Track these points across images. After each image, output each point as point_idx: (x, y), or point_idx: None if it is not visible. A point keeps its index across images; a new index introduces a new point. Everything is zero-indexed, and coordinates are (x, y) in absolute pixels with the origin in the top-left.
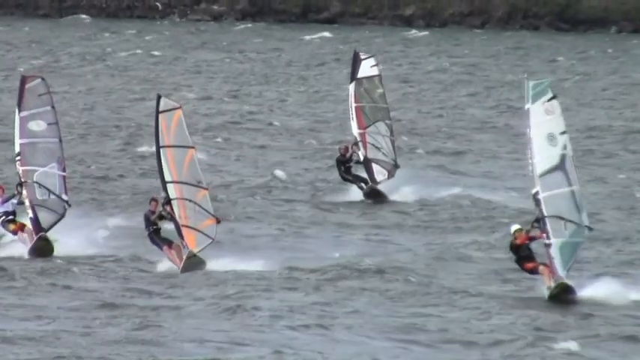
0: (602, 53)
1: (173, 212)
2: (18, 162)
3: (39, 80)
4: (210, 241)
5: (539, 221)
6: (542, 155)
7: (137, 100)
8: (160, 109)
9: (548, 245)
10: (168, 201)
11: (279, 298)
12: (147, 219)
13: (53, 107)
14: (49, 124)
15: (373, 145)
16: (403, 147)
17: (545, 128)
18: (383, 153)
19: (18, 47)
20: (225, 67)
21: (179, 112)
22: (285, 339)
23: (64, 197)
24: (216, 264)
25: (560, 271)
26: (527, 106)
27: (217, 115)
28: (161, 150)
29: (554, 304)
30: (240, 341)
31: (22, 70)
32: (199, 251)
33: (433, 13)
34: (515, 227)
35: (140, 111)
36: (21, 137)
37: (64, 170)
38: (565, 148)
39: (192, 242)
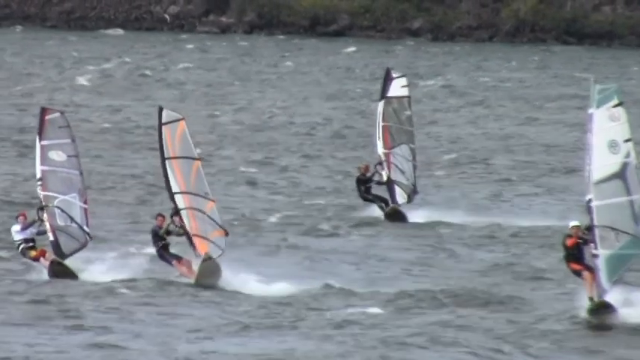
0: None
1: (183, 223)
2: (39, 187)
3: (58, 114)
4: (221, 252)
5: (590, 229)
6: (601, 162)
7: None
8: (163, 120)
9: (595, 256)
10: (177, 212)
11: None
12: (155, 234)
13: (73, 140)
14: (69, 156)
15: (397, 166)
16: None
17: (607, 135)
18: (405, 176)
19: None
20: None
21: (182, 123)
22: None
23: (86, 229)
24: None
25: (605, 284)
26: (590, 111)
27: None
28: (167, 162)
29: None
30: None
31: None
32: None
33: (441, 26)
34: (573, 223)
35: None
36: (42, 164)
37: (85, 202)
38: (628, 156)
39: (205, 251)
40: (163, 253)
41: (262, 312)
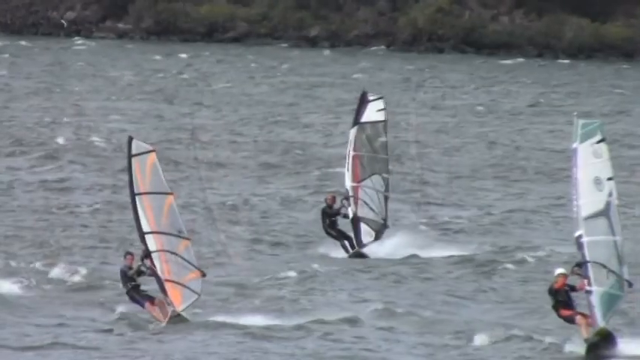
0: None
1: (154, 266)
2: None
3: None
4: (196, 297)
5: (581, 266)
6: (588, 198)
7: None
8: (132, 152)
9: (589, 292)
10: (147, 254)
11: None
12: (124, 275)
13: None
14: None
15: (365, 202)
16: None
17: (592, 171)
18: (374, 212)
19: None
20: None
21: (153, 155)
22: None
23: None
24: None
25: (600, 322)
26: (574, 145)
27: None
28: (136, 198)
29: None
30: None
31: None
32: (184, 309)
33: (338, 34)
34: (559, 271)
35: None
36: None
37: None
38: (611, 195)
39: (178, 299)
40: (134, 294)
41: None
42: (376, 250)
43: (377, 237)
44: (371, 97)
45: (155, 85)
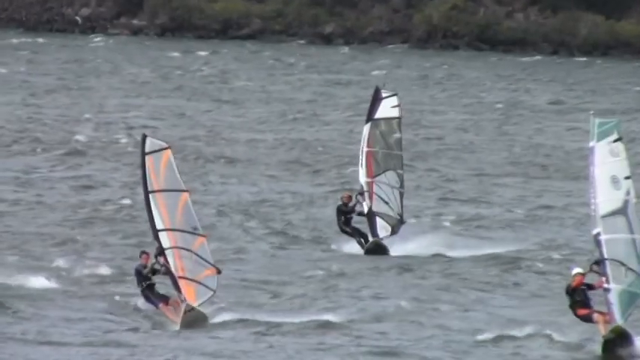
0: None
1: (168, 263)
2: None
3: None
4: (212, 293)
5: (599, 263)
6: (606, 197)
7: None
8: (146, 150)
9: (607, 290)
10: (161, 251)
11: None
12: (139, 274)
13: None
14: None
15: (380, 197)
16: None
17: (608, 169)
18: (389, 206)
19: None
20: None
21: (168, 152)
22: None
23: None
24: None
25: (619, 319)
26: (591, 144)
27: None
28: (150, 195)
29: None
30: None
31: None
32: (199, 305)
33: (353, 31)
34: (576, 270)
35: None
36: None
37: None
38: (628, 193)
39: (192, 295)
40: (148, 294)
41: None
42: (400, 247)
43: (393, 232)
44: (384, 94)
45: (174, 82)
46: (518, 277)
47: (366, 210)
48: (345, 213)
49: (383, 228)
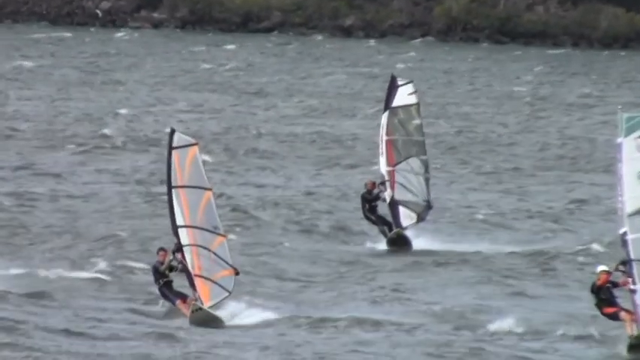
0: None
1: (185, 261)
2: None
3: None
4: (227, 294)
5: (626, 264)
6: (633, 194)
7: None
8: (174, 144)
9: (633, 291)
10: (179, 248)
11: None
12: (156, 271)
13: None
14: None
15: (402, 185)
16: None
17: (635, 165)
18: (413, 193)
19: None
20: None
21: (195, 148)
22: None
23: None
24: None
25: None
26: (619, 140)
27: None
28: (173, 190)
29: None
30: None
31: None
32: (211, 305)
33: (373, 23)
34: (601, 268)
35: None
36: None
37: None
38: None
39: (206, 295)
40: (166, 291)
41: None
42: (427, 242)
43: (419, 219)
44: (400, 82)
45: (200, 76)
46: (548, 273)
47: (388, 199)
48: (369, 200)
49: (407, 217)
